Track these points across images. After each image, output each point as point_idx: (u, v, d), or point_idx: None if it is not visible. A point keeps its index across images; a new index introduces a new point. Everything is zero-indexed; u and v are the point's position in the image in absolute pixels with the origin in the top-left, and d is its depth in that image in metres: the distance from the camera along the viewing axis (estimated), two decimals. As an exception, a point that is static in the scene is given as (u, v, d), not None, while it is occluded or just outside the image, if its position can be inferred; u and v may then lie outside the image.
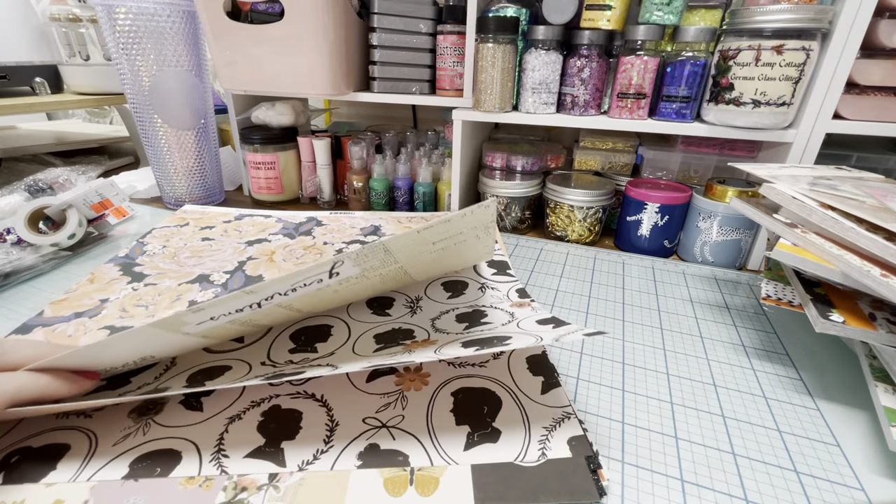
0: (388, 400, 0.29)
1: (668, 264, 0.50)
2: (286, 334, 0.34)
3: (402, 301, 0.39)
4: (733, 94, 0.45)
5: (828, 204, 0.32)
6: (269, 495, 0.22)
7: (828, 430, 0.29)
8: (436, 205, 0.65)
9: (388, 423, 0.27)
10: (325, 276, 0.27)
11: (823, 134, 0.44)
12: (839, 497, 0.24)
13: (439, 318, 0.36)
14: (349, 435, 0.26)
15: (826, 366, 0.34)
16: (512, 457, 0.25)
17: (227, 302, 0.24)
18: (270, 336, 0.34)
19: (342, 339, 0.34)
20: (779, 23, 0.41)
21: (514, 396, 0.29)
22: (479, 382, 0.30)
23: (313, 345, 0.33)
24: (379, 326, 0.35)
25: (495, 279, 0.43)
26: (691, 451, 0.27)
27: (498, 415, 0.28)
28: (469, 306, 0.37)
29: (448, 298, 0.39)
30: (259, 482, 0.23)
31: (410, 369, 0.31)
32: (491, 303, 0.38)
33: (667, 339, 0.37)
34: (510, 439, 0.26)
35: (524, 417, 0.27)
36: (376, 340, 0.33)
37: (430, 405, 0.28)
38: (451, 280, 0.42)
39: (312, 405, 0.28)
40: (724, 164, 0.55)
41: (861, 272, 0.27)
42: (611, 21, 0.48)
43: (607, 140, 0.61)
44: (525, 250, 0.53)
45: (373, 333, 0.34)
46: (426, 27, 0.57)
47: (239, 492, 0.23)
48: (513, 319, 0.33)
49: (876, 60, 0.42)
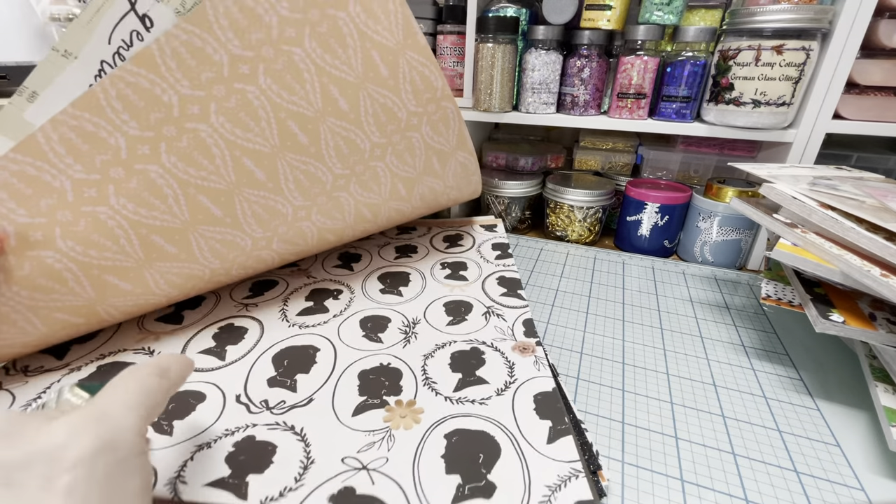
0: (374, 438, 0.26)
1: (668, 264, 0.50)
2: (268, 355, 0.32)
3: (397, 323, 0.36)
4: (733, 94, 0.45)
5: (828, 204, 0.32)
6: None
7: (828, 430, 0.29)
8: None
9: (369, 465, 0.24)
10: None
11: (823, 134, 0.44)
12: (839, 497, 0.24)
13: (432, 356, 0.32)
14: (323, 475, 0.23)
15: (826, 366, 0.34)
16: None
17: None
18: (247, 366, 0.32)
19: (325, 372, 0.31)
20: (779, 23, 0.41)
21: (516, 444, 0.25)
22: (478, 423, 0.27)
23: (293, 376, 0.30)
24: (368, 357, 0.32)
25: (503, 302, 0.39)
26: (691, 451, 0.27)
27: (495, 465, 0.24)
28: (468, 342, 0.34)
29: (447, 325, 0.36)
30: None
31: (402, 402, 0.28)
32: (492, 340, 0.34)
33: (667, 339, 0.37)
34: (506, 497, 0.22)
35: (525, 471, 0.24)
36: (359, 381, 0.30)
37: (420, 447, 0.25)
38: (454, 300, 0.40)
39: (290, 438, 0.26)
40: (724, 164, 0.55)
41: (861, 272, 0.27)
42: (611, 21, 0.48)
43: (607, 140, 0.61)
44: (525, 250, 0.53)
45: (358, 370, 0.31)
46: (426, 27, 0.57)
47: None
48: (508, 385, 0.30)
49: (876, 60, 0.42)
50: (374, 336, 0.35)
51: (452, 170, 0.41)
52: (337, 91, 0.32)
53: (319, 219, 0.36)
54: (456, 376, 0.31)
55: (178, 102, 0.29)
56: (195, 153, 0.30)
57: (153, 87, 0.28)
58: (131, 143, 0.28)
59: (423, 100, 0.35)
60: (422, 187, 0.40)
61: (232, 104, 0.30)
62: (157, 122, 0.29)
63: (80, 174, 0.28)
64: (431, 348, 0.33)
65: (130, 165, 0.29)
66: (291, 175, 0.33)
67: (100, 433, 0.15)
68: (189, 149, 0.29)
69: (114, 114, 0.28)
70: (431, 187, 0.41)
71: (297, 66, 0.31)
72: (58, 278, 0.28)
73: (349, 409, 0.28)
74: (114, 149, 0.28)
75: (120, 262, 0.30)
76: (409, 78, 0.34)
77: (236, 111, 0.30)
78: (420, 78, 0.35)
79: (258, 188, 0.32)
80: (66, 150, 0.27)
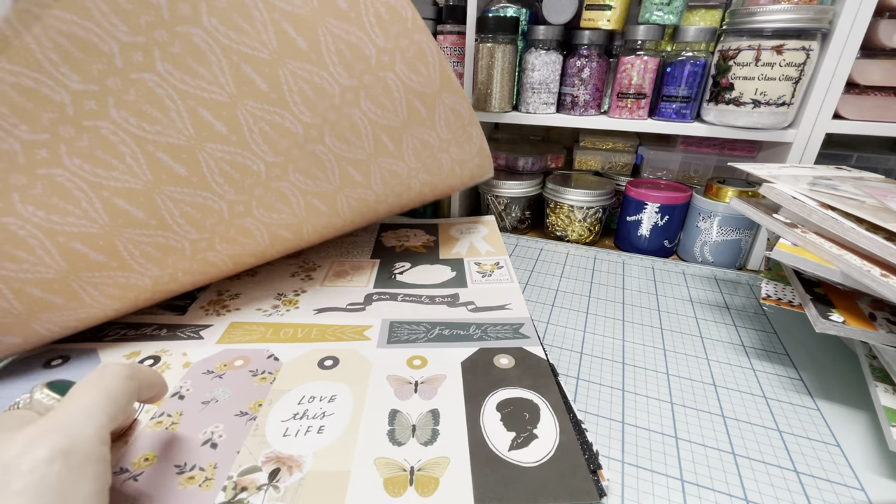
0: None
1: (668, 264, 0.50)
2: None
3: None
4: (733, 94, 0.45)
5: (828, 204, 0.32)
6: (269, 495, 0.22)
7: (828, 430, 0.29)
8: (436, 204, 0.65)
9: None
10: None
11: (823, 134, 0.44)
12: (839, 497, 0.24)
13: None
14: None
15: (826, 366, 0.34)
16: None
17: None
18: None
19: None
20: (779, 23, 0.41)
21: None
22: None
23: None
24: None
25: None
26: (691, 451, 0.27)
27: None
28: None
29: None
30: (259, 482, 0.23)
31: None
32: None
33: (667, 339, 0.37)
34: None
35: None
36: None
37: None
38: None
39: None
40: (724, 164, 0.55)
41: (861, 272, 0.27)
42: (611, 21, 0.48)
43: (607, 140, 0.61)
44: (525, 250, 0.53)
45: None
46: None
47: (239, 492, 0.23)
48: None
49: (876, 60, 0.42)
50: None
51: (443, 117, 0.37)
52: (292, 29, 0.30)
53: (264, 213, 0.33)
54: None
55: (70, 101, 0.27)
56: (97, 151, 0.28)
57: (40, 87, 0.26)
58: (27, 148, 0.27)
59: (393, 34, 0.32)
60: (411, 139, 0.36)
61: (132, 97, 0.28)
62: (52, 122, 0.27)
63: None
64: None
65: (32, 171, 0.27)
66: (217, 167, 0.30)
67: (55, 443, 0.17)
68: (91, 147, 0.28)
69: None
70: (424, 140, 0.37)
71: (245, 3, 0.29)
72: (24, 246, 0.27)
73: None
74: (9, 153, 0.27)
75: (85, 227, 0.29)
76: (373, 9, 0.31)
77: (138, 104, 0.28)
78: (385, 8, 0.31)
79: (180, 185, 0.30)
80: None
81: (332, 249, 0.50)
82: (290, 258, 0.47)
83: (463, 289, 0.42)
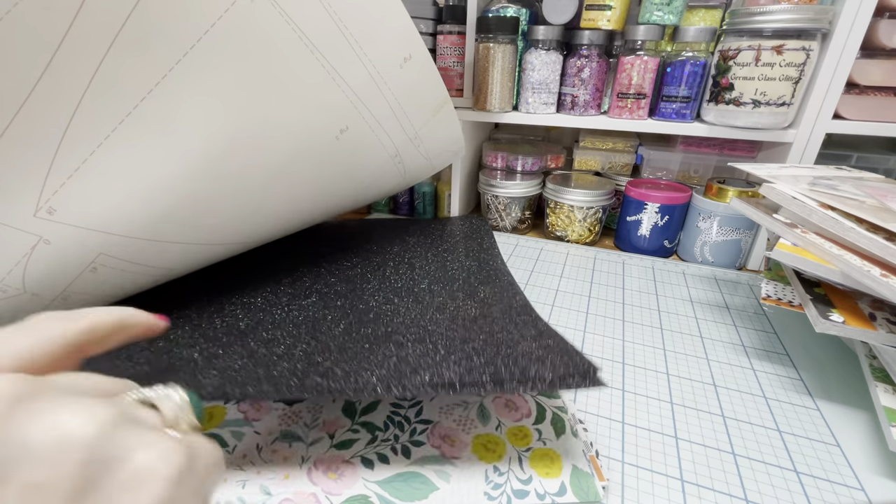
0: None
1: (668, 264, 0.50)
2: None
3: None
4: (733, 94, 0.45)
5: (828, 204, 0.32)
6: None
7: (828, 430, 0.29)
8: (436, 205, 0.65)
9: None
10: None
11: (823, 134, 0.44)
12: (839, 497, 0.24)
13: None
14: None
15: (826, 366, 0.34)
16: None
17: None
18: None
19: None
20: (779, 23, 0.41)
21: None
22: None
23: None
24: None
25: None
26: (691, 451, 0.27)
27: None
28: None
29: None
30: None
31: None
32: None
33: (667, 339, 0.37)
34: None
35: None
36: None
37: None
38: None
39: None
40: (724, 164, 0.55)
41: (861, 272, 0.27)
42: (611, 21, 0.48)
43: (607, 140, 0.61)
44: (525, 250, 0.53)
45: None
46: (426, 27, 0.57)
47: None
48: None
49: (876, 60, 0.42)
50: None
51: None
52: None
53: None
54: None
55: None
56: None
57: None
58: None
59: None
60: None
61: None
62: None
63: None
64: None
65: None
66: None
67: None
68: None
69: None
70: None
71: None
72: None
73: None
74: None
75: None
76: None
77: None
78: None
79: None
80: None
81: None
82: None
83: None
